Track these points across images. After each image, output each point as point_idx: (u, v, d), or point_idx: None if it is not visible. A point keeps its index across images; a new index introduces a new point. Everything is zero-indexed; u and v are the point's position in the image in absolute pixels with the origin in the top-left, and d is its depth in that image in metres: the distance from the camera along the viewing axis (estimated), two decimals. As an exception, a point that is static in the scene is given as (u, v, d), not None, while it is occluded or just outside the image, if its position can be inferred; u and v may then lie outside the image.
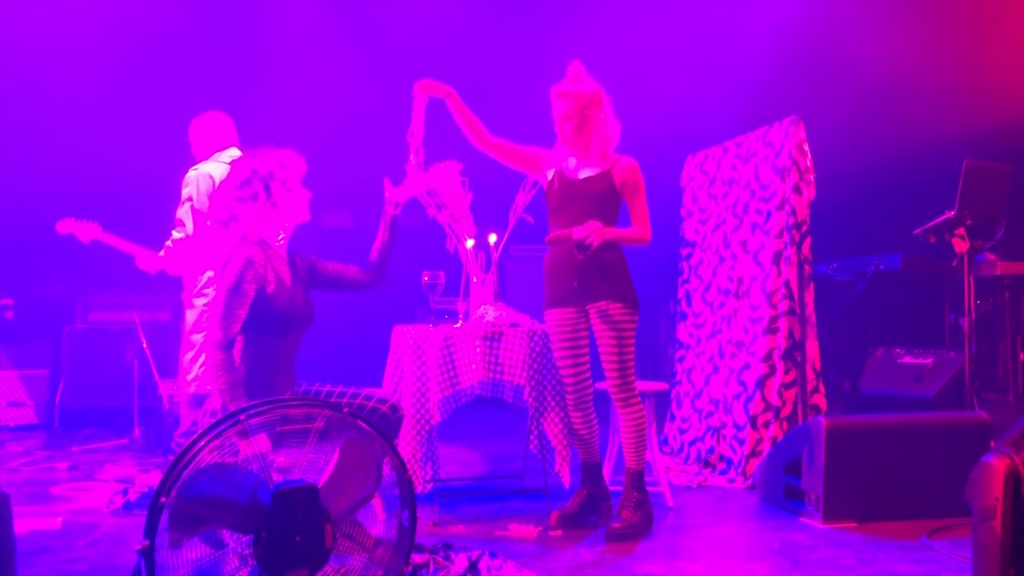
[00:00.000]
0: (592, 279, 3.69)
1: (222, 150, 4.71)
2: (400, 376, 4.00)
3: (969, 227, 4.78)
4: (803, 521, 3.86)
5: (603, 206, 3.71)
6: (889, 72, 6.49)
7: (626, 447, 3.76)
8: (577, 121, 3.72)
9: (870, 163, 6.48)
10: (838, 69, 6.47)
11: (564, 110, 3.74)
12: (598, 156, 3.75)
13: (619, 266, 3.73)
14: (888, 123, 6.49)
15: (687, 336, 5.63)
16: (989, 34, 6.11)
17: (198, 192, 4.54)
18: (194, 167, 4.65)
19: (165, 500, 2.22)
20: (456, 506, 4.17)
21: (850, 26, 6.45)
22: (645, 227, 3.75)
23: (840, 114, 6.29)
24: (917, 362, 5.56)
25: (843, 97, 6.43)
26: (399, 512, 2.61)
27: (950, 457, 3.85)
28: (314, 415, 2.49)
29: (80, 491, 4.51)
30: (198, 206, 4.52)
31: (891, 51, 6.42)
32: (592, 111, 3.71)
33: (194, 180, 4.57)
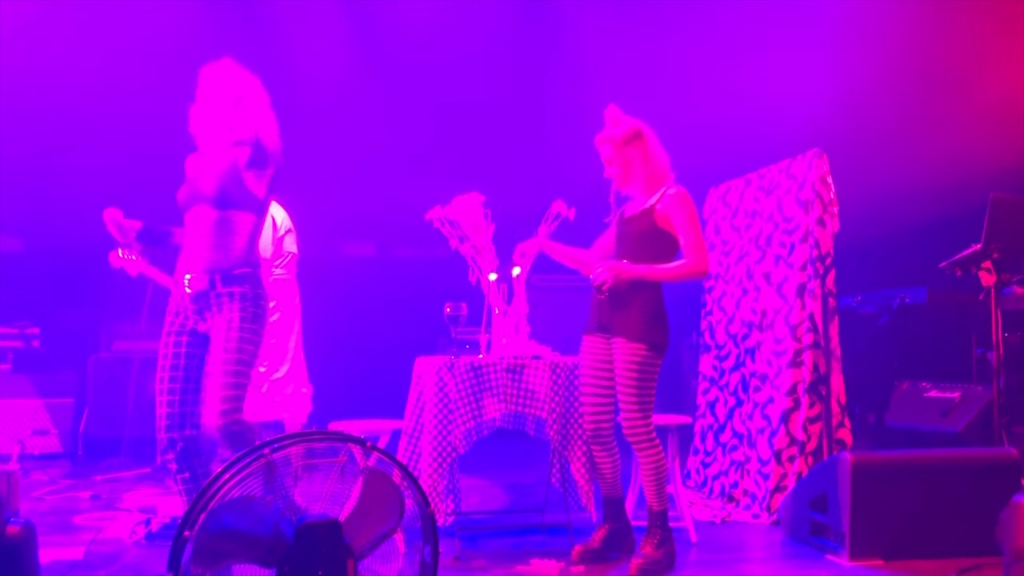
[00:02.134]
0: (616, 312, 3.68)
1: None
2: (422, 408, 3.99)
3: (996, 260, 4.73)
4: (829, 558, 3.80)
5: (645, 245, 3.70)
6: (914, 104, 6.47)
7: (646, 488, 3.71)
8: (618, 163, 3.75)
9: (895, 196, 6.45)
10: (861, 101, 6.46)
11: (604, 155, 3.80)
12: (646, 190, 3.75)
13: (644, 306, 3.65)
14: (913, 156, 6.46)
15: (710, 369, 5.60)
16: (1017, 66, 6.09)
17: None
18: None
19: (189, 533, 2.22)
20: (477, 540, 4.15)
21: (873, 59, 6.44)
22: (694, 258, 3.63)
23: (864, 146, 6.27)
24: (944, 396, 5.49)
25: (867, 129, 6.42)
26: (421, 547, 2.59)
27: (979, 494, 3.78)
28: (338, 449, 2.49)
29: (103, 521, 4.52)
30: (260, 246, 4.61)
31: (917, 83, 6.41)
32: (631, 148, 3.73)
33: None
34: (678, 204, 3.66)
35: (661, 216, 3.68)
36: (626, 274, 3.58)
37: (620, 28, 7.14)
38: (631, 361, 3.61)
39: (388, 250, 8.65)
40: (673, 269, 3.65)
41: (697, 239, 3.66)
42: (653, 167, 3.73)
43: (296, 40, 7.18)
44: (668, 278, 3.66)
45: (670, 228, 3.68)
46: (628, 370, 3.61)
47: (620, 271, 3.57)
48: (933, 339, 6.07)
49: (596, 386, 3.79)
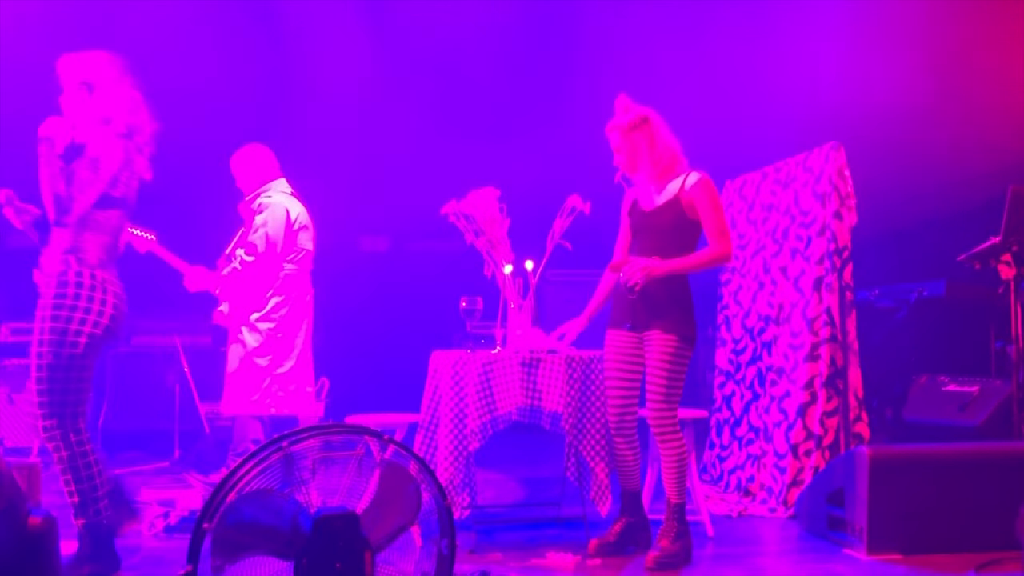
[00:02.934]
0: (649, 309, 3.66)
1: (270, 181, 4.82)
2: (438, 401, 4.00)
3: (1015, 253, 4.69)
4: (846, 552, 3.79)
5: (672, 237, 3.68)
6: (933, 96, 6.42)
7: (667, 480, 3.71)
8: (625, 150, 3.74)
9: (913, 189, 6.40)
10: (879, 93, 6.42)
11: (613, 143, 3.79)
12: (654, 176, 3.73)
13: (677, 299, 3.65)
14: (932, 148, 6.41)
15: (726, 363, 5.58)
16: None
17: (274, 221, 4.66)
18: (265, 195, 4.77)
19: (208, 526, 2.24)
20: (493, 533, 4.16)
21: (892, 53, 6.40)
22: (719, 244, 3.63)
23: (882, 139, 6.23)
24: (962, 390, 5.45)
25: (885, 122, 6.37)
26: (438, 540, 2.61)
27: (998, 489, 3.76)
28: (355, 442, 2.50)
29: (122, 514, 4.55)
30: (272, 235, 4.63)
31: (935, 74, 6.36)
32: (637, 134, 3.70)
33: (270, 210, 4.70)
34: (704, 190, 3.65)
35: (688, 205, 3.66)
36: (657, 271, 3.55)
37: (638, 22, 7.12)
38: (665, 353, 3.61)
39: (404, 244, 8.66)
40: (700, 258, 3.64)
41: (722, 225, 3.65)
42: (660, 153, 3.71)
43: (313, 37, 7.20)
44: (696, 268, 3.65)
45: (695, 216, 3.67)
46: (662, 361, 3.61)
47: (651, 269, 3.54)
48: (951, 333, 6.03)
49: (623, 379, 3.79)
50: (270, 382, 4.68)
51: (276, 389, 4.69)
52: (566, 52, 7.30)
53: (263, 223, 4.68)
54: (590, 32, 7.23)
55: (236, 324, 4.75)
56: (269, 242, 4.66)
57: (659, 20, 7.10)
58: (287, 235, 4.72)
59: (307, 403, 4.84)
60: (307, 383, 4.86)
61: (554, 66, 7.37)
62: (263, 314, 4.70)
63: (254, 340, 4.68)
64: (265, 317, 4.69)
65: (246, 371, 4.69)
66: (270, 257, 4.66)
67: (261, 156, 4.87)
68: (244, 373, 4.70)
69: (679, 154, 3.76)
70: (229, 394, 4.73)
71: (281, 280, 4.72)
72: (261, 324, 4.69)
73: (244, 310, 4.72)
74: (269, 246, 4.66)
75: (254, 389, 4.66)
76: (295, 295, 4.78)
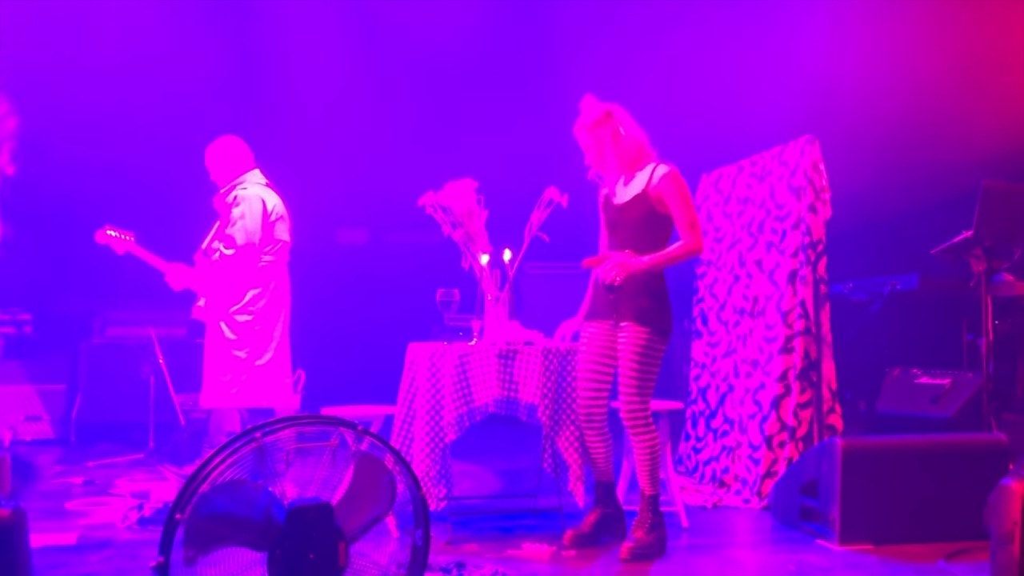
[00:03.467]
0: (624, 302, 3.66)
1: (244, 173, 4.79)
2: (414, 393, 4.00)
3: (987, 247, 4.75)
4: (819, 543, 3.83)
5: (644, 230, 3.69)
6: (906, 92, 6.47)
7: (640, 472, 3.73)
8: (592, 147, 3.76)
9: (887, 182, 6.45)
10: (854, 88, 6.46)
11: (581, 143, 3.80)
12: (621, 169, 3.74)
13: (651, 291, 3.66)
14: (905, 143, 6.46)
15: (702, 355, 5.62)
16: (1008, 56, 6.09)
17: (251, 213, 4.63)
18: (240, 188, 4.74)
19: (180, 517, 2.23)
20: (469, 524, 4.16)
21: (867, 47, 6.44)
22: (690, 238, 3.63)
23: (856, 133, 6.27)
24: (934, 382, 5.51)
25: (859, 116, 6.42)
26: (413, 531, 2.61)
27: (968, 479, 3.81)
28: (329, 433, 2.50)
29: (95, 506, 4.53)
30: (250, 227, 4.61)
31: (908, 72, 6.41)
32: (601, 130, 3.72)
33: (247, 202, 4.66)
34: (671, 184, 3.65)
35: (656, 199, 3.66)
36: (635, 268, 3.56)
37: (614, 15, 7.13)
38: (638, 345, 3.61)
39: (381, 236, 8.64)
40: (673, 252, 3.64)
41: (691, 217, 3.65)
42: (625, 146, 3.71)
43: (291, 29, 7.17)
44: (672, 262, 3.65)
45: (665, 209, 3.67)
46: (634, 353, 3.61)
47: (628, 266, 3.55)
48: (924, 326, 6.09)
49: (595, 371, 3.79)
50: (248, 374, 4.65)
51: (254, 381, 4.66)
52: (543, 44, 7.30)
53: (240, 216, 4.64)
54: (566, 25, 7.23)
55: (214, 317, 4.72)
56: (247, 234, 4.63)
57: (636, 13, 7.11)
58: (264, 226, 4.69)
59: (285, 395, 4.82)
60: (285, 375, 4.84)
61: (531, 58, 7.36)
62: (241, 306, 4.67)
63: (232, 333, 4.66)
64: (243, 309, 4.67)
65: (224, 364, 4.67)
66: (249, 250, 4.64)
67: (235, 148, 4.83)
68: (222, 366, 4.67)
69: (646, 146, 3.76)
70: (208, 387, 4.71)
71: (259, 272, 4.69)
72: (239, 316, 4.66)
73: (222, 303, 4.69)
74: (248, 238, 4.63)
75: (233, 381, 4.64)
76: (273, 287, 4.76)
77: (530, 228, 4.09)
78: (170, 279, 4.79)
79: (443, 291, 4.12)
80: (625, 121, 3.75)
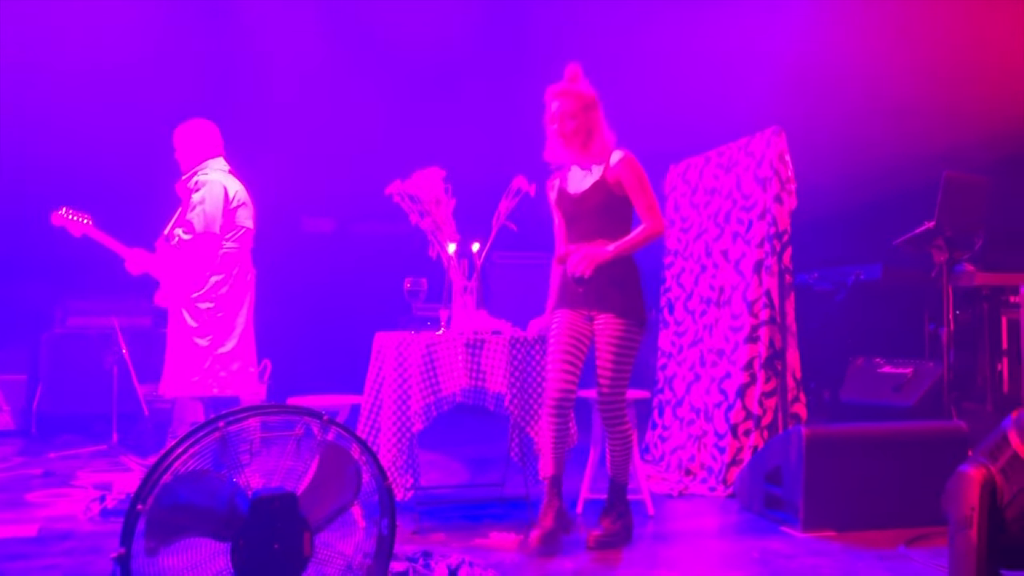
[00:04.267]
0: (600, 293, 3.61)
1: (210, 158, 4.73)
2: (381, 383, 3.98)
3: (948, 238, 4.82)
4: (783, 530, 3.87)
5: (606, 218, 3.64)
6: (870, 85, 6.54)
7: (613, 462, 3.72)
8: (580, 121, 3.63)
9: (851, 174, 6.52)
10: (820, 81, 6.52)
11: (566, 107, 3.63)
12: (590, 159, 3.66)
13: (627, 280, 3.63)
14: (869, 135, 6.53)
15: (669, 345, 5.65)
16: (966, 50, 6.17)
17: (212, 199, 4.56)
18: (201, 173, 4.66)
19: (142, 507, 2.20)
20: (437, 514, 4.16)
21: (833, 40, 6.50)
22: (650, 221, 3.60)
23: (821, 125, 6.33)
24: (897, 372, 5.59)
25: (824, 108, 6.48)
26: (379, 520, 2.60)
27: (929, 466, 3.87)
28: (293, 422, 2.48)
29: (57, 498, 4.46)
30: (210, 213, 4.55)
31: (872, 65, 6.48)
32: (593, 114, 3.66)
33: (207, 187, 4.59)
34: (628, 168, 3.60)
35: (615, 184, 3.61)
36: (602, 258, 3.53)
37: (583, 5, 7.13)
38: (617, 336, 3.57)
39: (348, 225, 8.59)
40: (636, 237, 3.59)
41: (650, 200, 3.62)
42: (606, 138, 3.68)
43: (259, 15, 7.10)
44: (637, 246, 3.61)
45: (624, 194, 3.62)
46: (614, 345, 3.57)
47: (595, 258, 3.52)
48: (887, 316, 6.17)
49: (569, 359, 3.65)
50: (211, 362, 4.60)
51: (218, 369, 4.61)
52: (512, 33, 7.29)
53: (200, 200, 4.57)
54: (535, 15, 7.22)
55: (176, 304, 4.66)
56: (207, 220, 4.56)
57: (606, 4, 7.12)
58: (225, 213, 4.62)
59: (249, 383, 4.77)
60: (249, 363, 4.79)
61: (500, 46, 7.34)
62: (202, 293, 4.61)
63: (194, 320, 4.60)
64: (205, 296, 4.61)
65: (186, 352, 4.61)
66: (208, 236, 4.57)
67: (204, 133, 4.74)
68: (184, 354, 4.61)
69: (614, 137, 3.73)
70: (169, 375, 4.64)
71: (220, 259, 4.63)
72: (201, 304, 4.61)
73: (183, 290, 4.63)
74: (207, 224, 4.56)
75: (195, 370, 4.58)
76: (235, 274, 4.70)
77: (498, 217, 4.09)
78: (129, 264, 4.71)
79: (411, 280, 4.11)
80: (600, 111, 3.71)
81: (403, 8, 7.12)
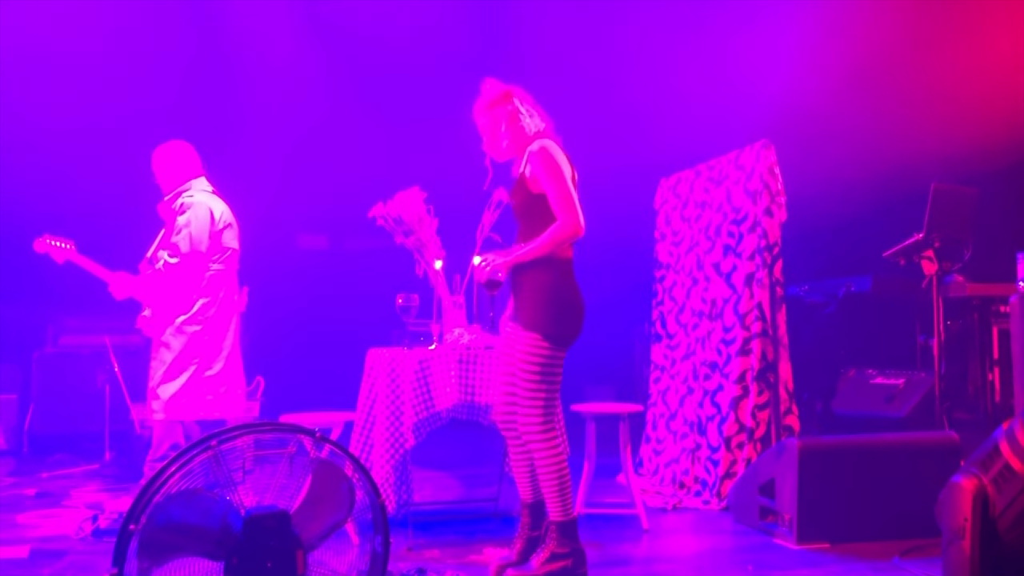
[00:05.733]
0: (516, 303, 3.37)
1: (192, 179, 4.64)
2: (374, 399, 3.98)
3: (937, 249, 4.85)
4: (777, 542, 3.87)
5: (527, 219, 3.35)
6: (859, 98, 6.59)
7: (544, 494, 3.31)
8: (487, 129, 3.45)
9: (841, 186, 6.56)
10: (809, 94, 6.56)
11: (478, 125, 3.50)
12: (515, 153, 3.44)
13: (536, 291, 3.27)
14: (858, 147, 6.57)
15: (662, 358, 5.66)
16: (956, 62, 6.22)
17: (197, 221, 4.49)
18: (186, 195, 4.57)
19: (134, 527, 2.20)
20: (430, 530, 4.15)
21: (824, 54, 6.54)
22: (563, 217, 3.21)
23: (810, 138, 6.37)
24: (889, 383, 5.61)
25: (814, 120, 6.52)
26: (372, 537, 2.60)
27: (922, 477, 3.87)
28: (286, 440, 2.48)
29: (49, 518, 4.44)
30: (196, 235, 4.47)
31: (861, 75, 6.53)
32: (498, 110, 3.41)
33: (193, 209, 4.51)
34: (538, 160, 3.27)
35: (532, 180, 3.31)
36: (504, 264, 3.28)
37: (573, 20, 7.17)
38: (525, 351, 3.24)
39: (341, 242, 8.60)
40: (546, 239, 3.22)
41: (563, 194, 3.23)
42: (519, 128, 3.38)
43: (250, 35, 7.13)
44: (545, 250, 3.23)
45: (541, 190, 3.29)
46: (523, 361, 3.25)
47: (495, 265, 3.28)
48: (878, 327, 6.20)
49: (504, 375, 3.42)
50: (199, 386, 4.48)
51: (205, 393, 4.49)
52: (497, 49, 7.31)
53: (186, 223, 4.47)
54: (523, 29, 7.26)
55: (161, 328, 4.54)
56: (193, 242, 4.46)
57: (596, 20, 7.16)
58: (211, 234, 4.52)
59: (237, 405, 4.64)
60: (237, 385, 4.68)
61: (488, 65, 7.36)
62: (189, 316, 4.49)
63: (180, 343, 4.49)
64: (191, 320, 4.49)
65: (173, 375, 4.47)
66: (195, 258, 4.49)
67: (183, 153, 4.65)
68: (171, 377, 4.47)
69: (548, 133, 3.43)
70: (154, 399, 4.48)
71: (207, 281, 4.53)
72: (188, 327, 4.48)
73: (169, 313, 4.52)
74: (193, 246, 4.46)
75: (182, 393, 4.47)
76: (222, 296, 4.60)
77: (482, 229, 4.08)
78: (113, 288, 4.60)
79: (403, 296, 4.11)
80: (526, 103, 3.44)
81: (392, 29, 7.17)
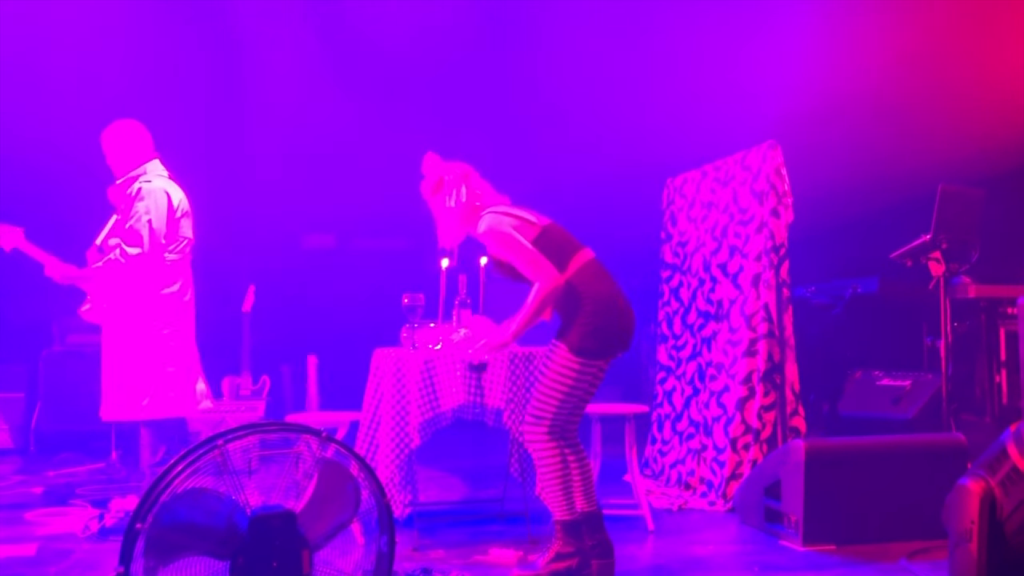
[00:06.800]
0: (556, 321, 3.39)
1: (144, 163, 4.45)
2: (380, 399, 3.98)
3: (944, 250, 4.83)
4: (783, 544, 3.86)
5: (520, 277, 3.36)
6: (866, 99, 6.57)
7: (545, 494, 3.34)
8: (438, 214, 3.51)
9: (847, 187, 6.54)
10: (817, 95, 6.55)
11: (429, 205, 3.55)
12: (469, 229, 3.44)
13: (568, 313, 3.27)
14: (865, 148, 6.56)
15: (667, 358, 5.65)
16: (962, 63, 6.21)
17: (157, 210, 4.32)
18: (143, 179, 4.38)
19: (141, 526, 2.20)
20: (436, 530, 4.15)
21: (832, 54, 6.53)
22: (538, 279, 3.22)
23: (818, 139, 6.36)
24: (895, 384, 5.59)
25: (821, 122, 6.50)
26: (378, 537, 2.60)
27: (928, 479, 3.86)
28: (292, 440, 2.48)
29: (55, 516, 4.45)
30: (156, 225, 4.31)
31: (868, 79, 6.52)
32: (440, 194, 3.47)
33: (151, 197, 4.32)
34: (489, 240, 3.34)
35: (492, 254, 3.45)
36: (498, 344, 3.37)
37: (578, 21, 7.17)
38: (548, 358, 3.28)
39: (348, 242, 8.60)
40: (530, 306, 3.25)
41: (526, 259, 3.26)
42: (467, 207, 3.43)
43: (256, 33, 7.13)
44: (530, 314, 3.26)
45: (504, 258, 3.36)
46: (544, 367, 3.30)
47: (491, 345, 3.39)
48: (885, 328, 6.18)
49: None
50: (157, 383, 4.33)
51: (164, 390, 4.34)
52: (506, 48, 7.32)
53: (146, 211, 4.29)
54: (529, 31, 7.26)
55: (116, 321, 4.37)
56: (153, 232, 4.28)
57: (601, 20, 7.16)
58: (170, 223, 4.35)
59: (194, 403, 4.49)
60: (193, 381, 4.50)
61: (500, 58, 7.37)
62: (153, 309, 4.33)
63: (137, 337, 4.31)
64: (155, 312, 4.33)
65: (130, 371, 4.32)
66: (154, 248, 4.30)
67: (136, 134, 4.44)
68: (128, 373, 4.32)
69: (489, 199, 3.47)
70: (110, 398, 4.35)
71: (164, 271, 4.37)
72: (144, 322, 4.32)
73: (126, 305, 4.34)
74: (153, 237, 4.29)
75: (143, 391, 4.31)
76: (178, 287, 4.44)
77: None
78: (49, 271, 4.42)
79: (409, 296, 4.10)
80: (470, 181, 3.46)
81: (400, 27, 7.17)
